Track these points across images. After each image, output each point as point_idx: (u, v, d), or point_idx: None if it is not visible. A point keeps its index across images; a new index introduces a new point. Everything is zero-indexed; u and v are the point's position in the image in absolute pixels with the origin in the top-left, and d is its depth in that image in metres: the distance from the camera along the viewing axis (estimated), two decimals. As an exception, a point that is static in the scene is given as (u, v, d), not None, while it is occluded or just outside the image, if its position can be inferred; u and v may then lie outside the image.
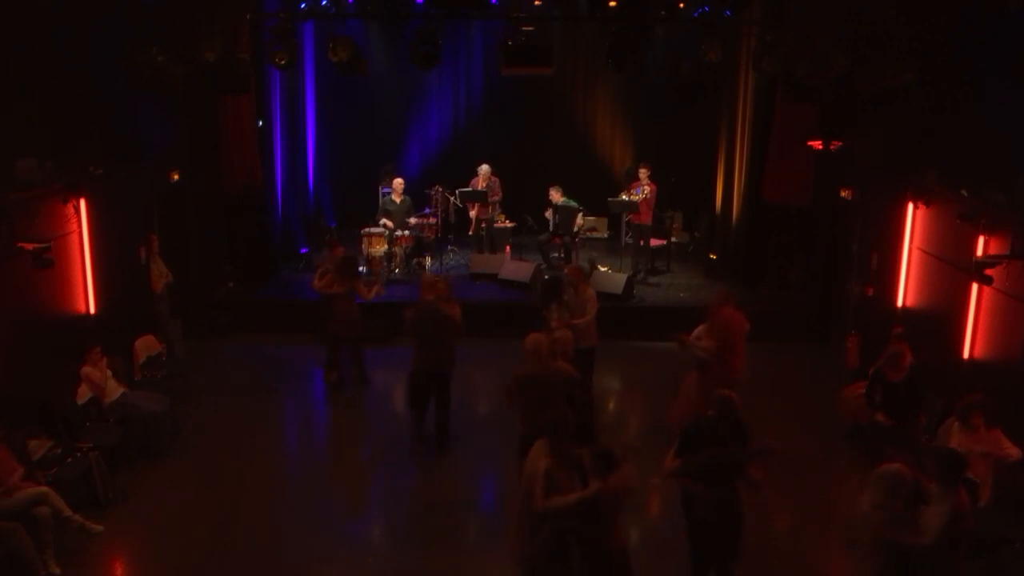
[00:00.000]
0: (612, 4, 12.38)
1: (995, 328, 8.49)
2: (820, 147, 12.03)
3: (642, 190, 13.97)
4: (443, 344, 9.13)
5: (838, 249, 12.65)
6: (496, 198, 15.06)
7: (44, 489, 7.22)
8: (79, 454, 8.09)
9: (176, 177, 11.99)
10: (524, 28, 12.46)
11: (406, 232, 14.36)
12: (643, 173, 14.13)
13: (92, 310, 9.74)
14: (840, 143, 11.87)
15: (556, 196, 14.61)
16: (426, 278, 9.62)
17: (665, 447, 6.58)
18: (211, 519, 8.03)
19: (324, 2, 12.51)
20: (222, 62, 11.32)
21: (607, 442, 6.10)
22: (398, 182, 14.72)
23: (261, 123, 13.57)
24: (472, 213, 15.15)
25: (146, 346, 10.73)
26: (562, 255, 14.89)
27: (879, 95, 10.87)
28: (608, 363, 11.85)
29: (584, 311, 9.71)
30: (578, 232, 14.64)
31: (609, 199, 14.36)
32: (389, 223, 14.34)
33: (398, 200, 14.59)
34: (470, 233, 15.26)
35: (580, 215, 14.50)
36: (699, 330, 9.20)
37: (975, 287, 8.63)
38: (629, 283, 13.36)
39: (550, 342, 7.86)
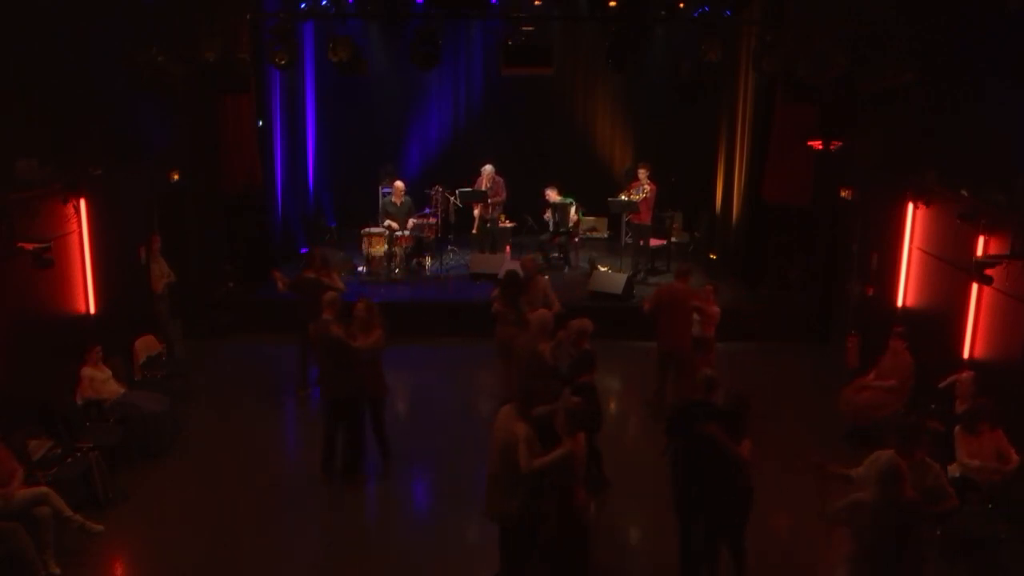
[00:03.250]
0: (612, 4, 12.38)
1: (995, 328, 8.49)
2: (820, 147, 12.03)
3: (642, 189, 13.97)
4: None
5: (838, 249, 12.64)
6: (499, 199, 15.05)
7: (44, 489, 7.23)
8: (79, 454, 8.09)
9: (176, 177, 11.99)
10: (524, 28, 12.47)
11: (406, 232, 14.37)
12: (642, 173, 14.13)
13: (92, 310, 9.74)
14: (840, 143, 11.87)
15: (553, 195, 14.62)
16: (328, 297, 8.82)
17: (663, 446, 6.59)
18: (211, 519, 8.04)
19: (324, 2, 12.51)
20: (222, 62, 11.32)
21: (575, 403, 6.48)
22: (399, 185, 14.71)
23: (261, 123, 13.57)
24: (476, 212, 15.15)
25: (146, 346, 10.74)
26: (561, 254, 14.91)
27: (879, 95, 10.86)
28: (608, 363, 11.84)
29: (547, 303, 9.84)
30: (573, 228, 14.64)
31: (609, 199, 14.37)
32: (393, 224, 14.34)
33: (398, 202, 14.58)
34: (474, 232, 15.24)
35: (573, 209, 14.52)
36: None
37: (975, 287, 8.63)
38: (629, 283, 13.36)
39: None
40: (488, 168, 14.97)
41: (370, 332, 8.47)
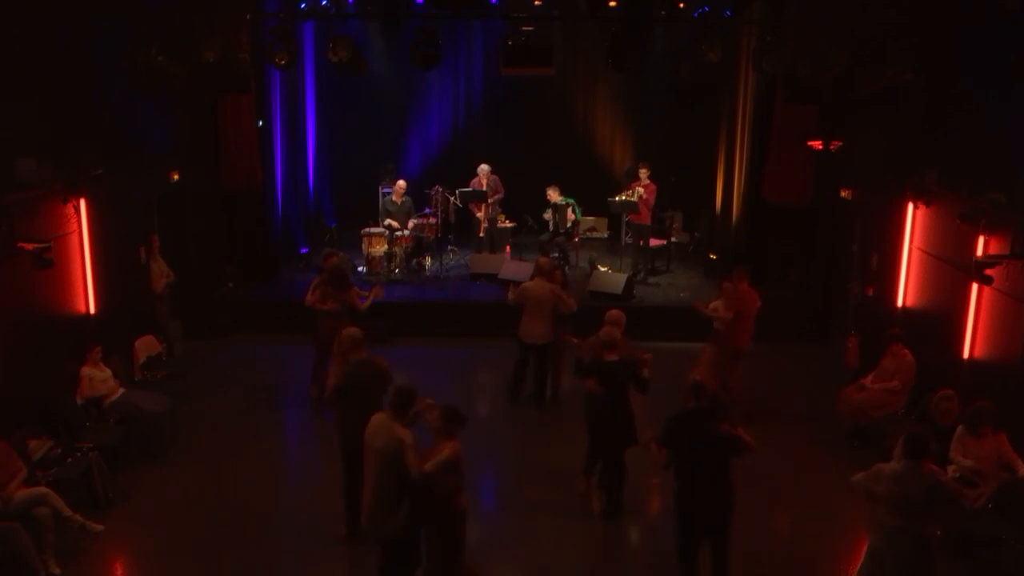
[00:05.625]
0: (612, 4, 12.40)
1: (995, 328, 8.49)
2: (820, 147, 12.03)
3: (636, 191, 13.96)
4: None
5: (838, 249, 12.65)
6: (498, 196, 15.06)
7: (43, 490, 7.22)
8: (79, 454, 8.10)
9: (176, 177, 11.99)
10: (524, 28, 12.46)
11: (406, 232, 14.36)
12: (643, 173, 14.13)
13: (92, 310, 9.74)
14: (840, 143, 11.87)
15: (554, 196, 14.62)
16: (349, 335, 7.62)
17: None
18: (211, 519, 8.04)
19: (324, 2, 12.52)
20: (222, 62, 11.33)
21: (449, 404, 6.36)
22: (400, 184, 14.71)
23: (261, 123, 13.57)
24: (479, 214, 15.11)
25: (146, 346, 10.74)
26: (559, 255, 14.91)
27: (879, 95, 10.87)
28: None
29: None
30: (571, 229, 14.65)
31: (609, 199, 14.38)
32: (394, 223, 14.33)
33: (399, 201, 14.59)
34: (480, 235, 15.20)
35: (569, 209, 14.53)
36: (715, 303, 10.01)
37: (975, 287, 8.63)
38: (629, 283, 13.36)
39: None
40: (484, 168, 14.97)
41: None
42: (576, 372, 8.70)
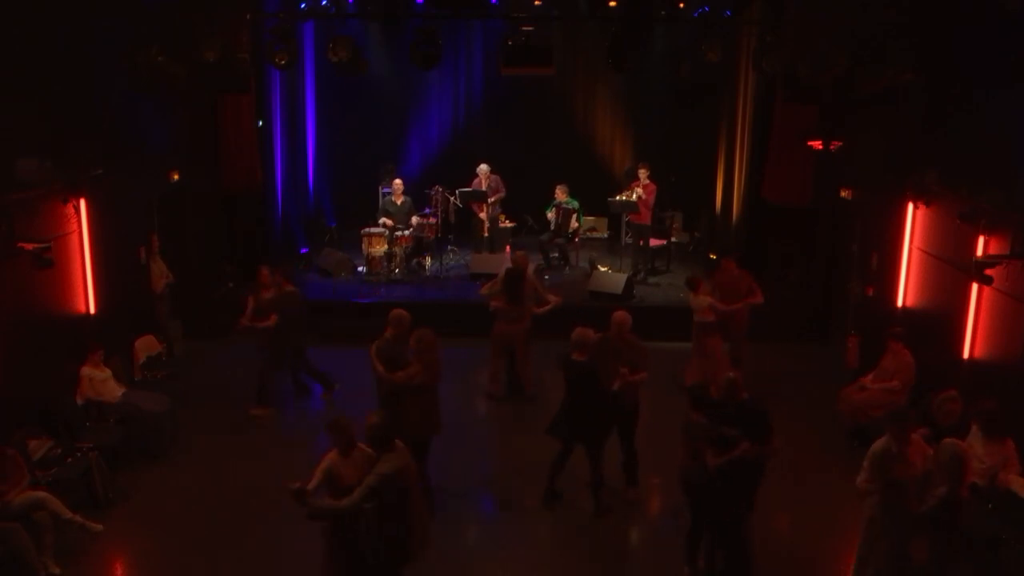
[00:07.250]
0: (612, 4, 12.40)
1: (995, 328, 8.49)
2: (820, 147, 12.03)
3: (635, 191, 13.95)
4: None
5: (838, 249, 12.65)
6: (500, 195, 15.04)
7: (41, 495, 7.21)
8: (79, 454, 8.11)
9: (176, 177, 12.00)
10: (524, 28, 12.47)
11: (406, 232, 14.36)
12: (643, 173, 14.13)
13: (92, 310, 9.75)
14: (840, 143, 11.87)
15: (561, 195, 14.62)
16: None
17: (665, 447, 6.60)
18: (211, 519, 8.05)
19: (324, 2, 12.52)
20: (222, 62, 11.34)
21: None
22: (397, 183, 14.71)
23: (261, 123, 13.58)
24: (482, 215, 15.08)
25: (146, 346, 10.76)
26: (558, 255, 14.92)
27: (879, 95, 10.87)
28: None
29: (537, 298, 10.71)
30: (574, 234, 14.66)
31: (609, 199, 14.38)
32: (389, 221, 14.33)
33: (398, 201, 14.58)
34: (485, 235, 15.15)
35: (574, 216, 14.52)
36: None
37: (975, 287, 8.63)
38: (629, 283, 13.36)
39: None
40: (484, 168, 14.96)
41: (418, 363, 7.78)
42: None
